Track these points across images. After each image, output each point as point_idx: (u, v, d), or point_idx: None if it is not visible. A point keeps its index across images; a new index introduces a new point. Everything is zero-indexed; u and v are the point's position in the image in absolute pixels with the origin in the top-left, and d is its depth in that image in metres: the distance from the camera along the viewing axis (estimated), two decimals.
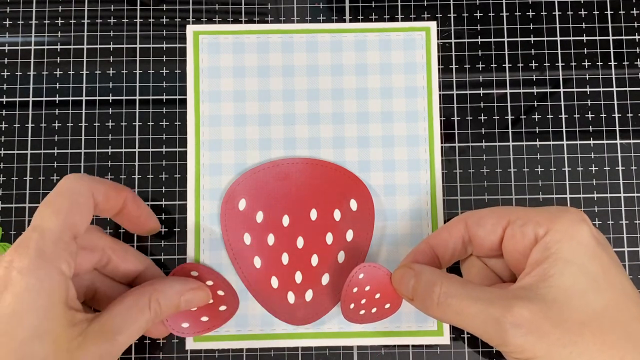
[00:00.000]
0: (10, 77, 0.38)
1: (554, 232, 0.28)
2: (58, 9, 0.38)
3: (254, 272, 0.35)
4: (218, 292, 0.34)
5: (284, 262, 0.35)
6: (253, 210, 0.36)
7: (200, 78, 0.37)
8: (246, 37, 0.38)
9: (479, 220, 0.31)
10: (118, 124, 0.37)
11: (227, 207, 0.36)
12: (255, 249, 0.35)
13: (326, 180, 0.36)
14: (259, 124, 0.37)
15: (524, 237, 0.29)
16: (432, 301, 0.29)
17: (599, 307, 0.26)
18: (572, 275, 0.27)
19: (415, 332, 0.35)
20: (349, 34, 0.38)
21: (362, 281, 0.32)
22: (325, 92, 0.37)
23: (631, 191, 0.37)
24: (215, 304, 0.34)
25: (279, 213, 0.36)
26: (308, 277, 0.35)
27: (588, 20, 0.38)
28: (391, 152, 0.37)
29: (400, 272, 0.31)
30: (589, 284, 0.27)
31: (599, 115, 0.38)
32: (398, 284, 0.31)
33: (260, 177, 0.36)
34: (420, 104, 0.37)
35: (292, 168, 0.36)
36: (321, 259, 0.35)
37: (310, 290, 0.35)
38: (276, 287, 0.35)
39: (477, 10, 0.39)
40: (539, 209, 0.30)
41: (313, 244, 0.35)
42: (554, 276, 0.27)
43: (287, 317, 0.35)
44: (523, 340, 0.26)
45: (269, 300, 0.35)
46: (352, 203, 0.36)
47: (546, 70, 0.38)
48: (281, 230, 0.36)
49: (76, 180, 0.30)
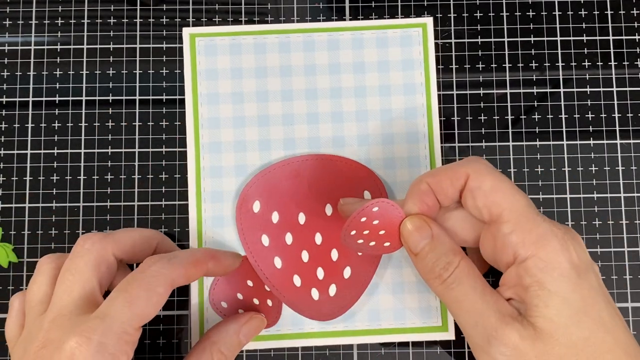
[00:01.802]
0: (10, 77, 0.38)
1: (537, 259, 0.28)
2: (58, 9, 0.38)
3: (276, 273, 0.35)
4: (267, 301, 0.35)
5: (304, 260, 0.35)
6: (268, 211, 0.36)
7: (198, 80, 0.37)
8: (243, 39, 0.38)
9: (479, 187, 0.30)
10: (118, 124, 0.37)
11: (241, 211, 0.36)
12: (274, 250, 0.35)
13: (337, 174, 0.36)
14: (258, 125, 0.37)
15: (504, 247, 0.29)
16: (441, 277, 0.29)
17: (579, 340, 0.27)
18: (557, 308, 0.27)
19: (420, 328, 0.35)
20: (346, 33, 0.38)
21: (374, 214, 0.31)
22: (323, 91, 0.37)
23: (631, 191, 0.37)
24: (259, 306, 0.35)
25: (294, 211, 0.36)
26: (330, 272, 0.35)
27: (588, 20, 0.38)
28: (391, 149, 0.37)
29: (414, 225, 0.30)
30: (570, 317, 0.27)
31: (599, 115, 0.38)
32: (408, 235, 0.30)
33: (271, 177, 0.36)
34: (418, 100, 0.37)
35: (302, 165, 0.36)
36: (341, 252, 0.35)
37: (333, 285, 0.35)
38: (299, 285, 0.35)
39: (477, 10, 0.39)
40: (529, 218, 0.29)
41: (331, 239, 0.35)
42: (538, 307, 0.27)
43: (314, 314, 0.35)
44: (504, 359, 0.27)
45: (294, 299, 0.35)
46: (365, 194, 0.36)
47: (546, 70, 0.38)
48: (298, 228, 0.36)
49: (158, 269, 0.29)
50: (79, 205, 0.37)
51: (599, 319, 0.28)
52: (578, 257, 0.28)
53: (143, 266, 0.29)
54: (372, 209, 0.31)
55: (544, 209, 0.37)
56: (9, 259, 0.36)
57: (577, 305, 0.27)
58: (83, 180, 0.37)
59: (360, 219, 0.31)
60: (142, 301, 0.28)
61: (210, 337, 0.32)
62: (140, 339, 0.35)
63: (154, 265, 0.29)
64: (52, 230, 0.36)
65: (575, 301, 0.27)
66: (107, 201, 0.37)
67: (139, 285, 0.28)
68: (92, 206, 0.37)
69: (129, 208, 0.37)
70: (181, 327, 0.36)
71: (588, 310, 0.27)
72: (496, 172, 0.30)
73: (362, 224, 0.31)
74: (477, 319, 0.28)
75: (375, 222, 0.31)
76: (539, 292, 0.28)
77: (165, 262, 0.29)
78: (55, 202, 0.37)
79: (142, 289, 0.28)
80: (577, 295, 0.28)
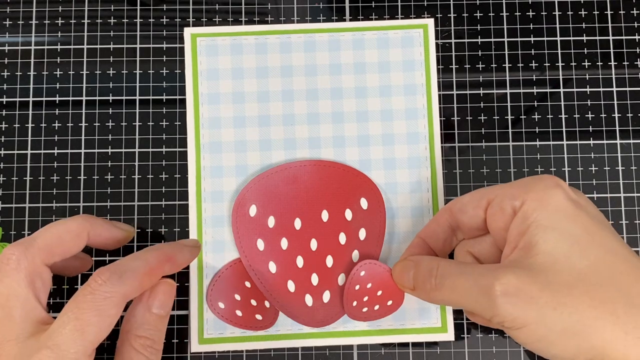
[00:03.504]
0: (10, 77, 0.38)
1: (530, 201, 0.28)
2: (58, 9, 0.38)
3: (270, 278, 0.35)
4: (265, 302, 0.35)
5: (299, 266, 0.35)
6: (264, 216, 0.36)
7: (199, 80, 0.37)
8: (244, 39, 0.38)
9: (462, 207, 0.31)
10: (118, 124, 0.37)
11: (237, 215, 0.36)
12: (269, 254, 0.35)
13: (335, 180, 0.36)
14: (258, 125, 0.37)
15: (503, 213, 0.29)
16: (431, 284, 0.29)
17: (584, 267, 0.26)
18: (554, 240, 0.27)
19: (419, 329, 0.35)
20: (347, 33, 0.38)
21: (364, 278, 0.33)
22: (324, 91, 0.37)
23: (631, 191, 0.37)
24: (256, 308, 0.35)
25: (290, 217, 0.36)
26: (324, 278, 0.35)
27: (588, 20, 0.38)
28: (392, 150, 0.37)
29: (400, 265, 0.32)
30: (572, 246, 0.27)
31: (599, 115, 0.38)
32: (399, 276, 0.32)
33: (268, 182, 0.36)
34: (419, 101, 0.37)
35: (300, 171, 0.36)
36: (336, 259, 0.35)
37: (327, 291, 0.35)
38: (293, 290, 0.35)
39: (477, 10, 0.39)
40: (514, 182, 0.30)
41: (327, 245, 0.35)
42: (537, 244, 0.27)
43: (307, 320, 0.35)
44: (512, 307, 0.26)
45: (288, 304, 0.35)
46: (362, 202, 0.36)
47: (546, 70, 0.38)
48: (294, 234, 0.36)
49: (109, 289, 0.27)
50: (79, 205, 0.37)
51: (606, 245, 0.27)
52: (574, 192, 0.29)
53: (92, 285, 0.27)
54: (360, 273, 0.33)
55: None
56: None
57: (577, 234, 0.27)
58: (83, 180, 0.37)
59: (354, 288, 0.33)
60: (94, 328, 0.27)
61: (123, 328, 0.30)
62: None
63: (105, 284, 0.27)
64: None
65: (575, 230, 0.27)
66: (107, 201, 0.37)
67: (89, 310, 0.27)
68: (92, 206, 0.37)
69: (129, 208, 0.37)
70: (181, 327, 0.36)
71: (592, 237, 0.27)
72: (467, 195, 0.31)
73: (358, 292, 0.33)
74: (475, 291, 0.27)
75: (368, 285, 0.33)
76: (536, 230, 0.27)
77: (116, 279, 0.28)
78: (55, 202, 0.37)
79: (93, 314, 0.27)
80: (577, 225, 0.27)
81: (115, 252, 0.36)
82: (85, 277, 0.34)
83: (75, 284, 0.36)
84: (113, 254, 0.36)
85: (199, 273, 0.36)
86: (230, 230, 0.36)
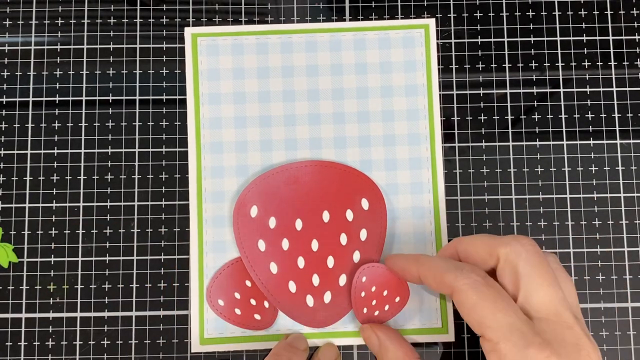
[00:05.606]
0: (10, 77, 0.38)
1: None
2: (58, 9, 0.38)
3: (271, 278, 0.35)
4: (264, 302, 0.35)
5: (300, 266, 0.35)
6: (265, 217, 0.36)
7: (200, 80, 0.37)
8: (245, 39, 0.38)
9: (467, 256, 0.31)
10: (118, 124, 0.37)
11: (238, 215, 0.36)
12: (270, 255, 0.35)
13: (336, 181, 0.36)
14: (259, 125, 0.37)
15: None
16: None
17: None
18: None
19: (420, 330, 0.35)
20: (348, 33, 0.38)
21: (366, 284, 0.33)
22: (325, 92, 0.37)
23: (631, 191, 0.37)
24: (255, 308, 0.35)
25: (291, 217, 0.36)
26: (325, 279, 0.35)
27: (588, 20, 0.38)
28: (393, 151, 0.37)
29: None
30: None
31: (599, 115, 0.38)
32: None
33: (270, 182, 0.36)
34: (420, 102, 0.37)
35: (301, 171, 0.36)
36: (337, 260, 0.35)
37: (328, 292, 0.35)
38: (294, 291, 0.35)
39: (477, 10, 0.39)
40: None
41: (328, 246, 0.35)
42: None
43: (308, 320, 0.35)
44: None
45: (288, 305, 0.35)
46: (363, 202, 0.36)
47: (546, 70, 0.38)
48: (295, 235, 0.36)
49: None
50: (79, 205, 0.37)
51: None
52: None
53: None
54: (361, 280, 0.34)
55: (544, 209, 0.37)
56: (9, 259, 0.36)
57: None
58: (83, 180, 0.37)
59: (360, 295, 0.34)
60: None
61: None
62: (141, 338, 0.35)
63: None
64: (52, 230, 0.36)
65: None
66: (107, 201, 0.37)
67: None
68: (92, 206, 0.37)
69: (129, 208, 0.37)
70: (181, 327, 0.36)
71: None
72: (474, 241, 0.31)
73: (365, 299, 0.34)
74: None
75: (372, 289, 0.34)
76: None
77: None
78: (55, 202, 0.37)
79: None
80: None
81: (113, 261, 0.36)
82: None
83: (76, 284, 0.36)
84: (113, 254, 0.36)
85: (199, 273, 0.36)
86: (231, 231, 0.36)
